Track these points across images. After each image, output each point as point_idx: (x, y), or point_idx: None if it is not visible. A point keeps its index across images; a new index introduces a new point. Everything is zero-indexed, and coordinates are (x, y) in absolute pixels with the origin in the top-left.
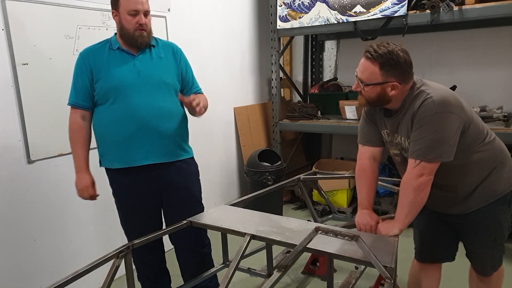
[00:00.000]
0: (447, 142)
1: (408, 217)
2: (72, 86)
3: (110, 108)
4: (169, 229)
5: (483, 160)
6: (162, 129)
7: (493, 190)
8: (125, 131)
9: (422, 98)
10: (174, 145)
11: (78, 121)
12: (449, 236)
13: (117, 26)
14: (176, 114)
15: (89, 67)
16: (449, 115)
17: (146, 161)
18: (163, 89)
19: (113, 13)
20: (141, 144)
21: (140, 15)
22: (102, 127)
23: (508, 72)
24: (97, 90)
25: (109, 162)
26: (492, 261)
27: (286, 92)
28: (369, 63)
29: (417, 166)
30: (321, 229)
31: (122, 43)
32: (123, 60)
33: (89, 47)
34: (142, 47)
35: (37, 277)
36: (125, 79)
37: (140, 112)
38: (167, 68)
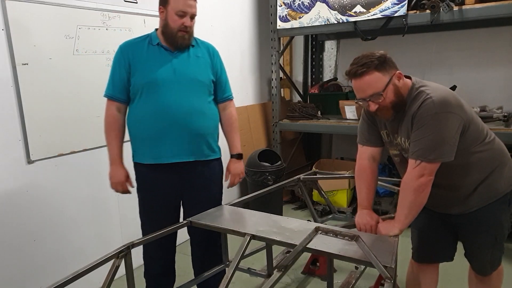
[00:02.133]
0: (448, 142)
1: (408, 218)
2: (110, 78)
3: (143, 103)
4: (169, 229)
5: (483, 159)
6: (192, 128)
7: (494, 190)
8: (156, 127)
9: (422, 98)
10: (203, 145)
11: (113, 113)
12: (448, 236)
13: (160, 22)
14: (207, 113)
15: (127, 60)
16: (449, 115)
17: (175, 159)
18: (196, 88)
19: (160, 9)
20: (171, 141)
21: (187, 17)
22: (135, 122)
23: (508, 72)
24: (132, 84)
25: (140, 157)
26: (492, 261)
27: (286, 92)
28: (366, 76)
29: (417, 166)
30: (321, 229)
31: (162, 40)
32: (161, 56)
33: (129, 41)
34: (182, 48)
35: (37, 277)
36: (160, 76)
37: (172, 109)
38: (203, 67)
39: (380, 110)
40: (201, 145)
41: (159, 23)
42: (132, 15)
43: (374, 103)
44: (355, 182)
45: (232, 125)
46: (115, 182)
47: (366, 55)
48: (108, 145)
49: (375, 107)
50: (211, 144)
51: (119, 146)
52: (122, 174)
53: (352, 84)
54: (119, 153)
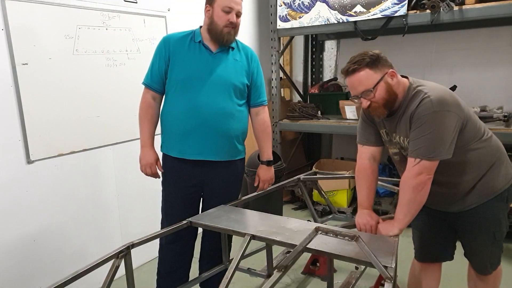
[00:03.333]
0: (446, 140)
1: (407, 216)
2: (150, 67)
3: (178, 99)
4: (169, 228)
5: (481, 157)
6: (221, 129)
7: (492, 187)
8: (187, 125)
9: (420, 98)
10: (228, 146)
11: (148, 100)
12: (448, 235)
13: (206, 20)
14: (236, 116)
15: (168, 53)
16: (447, 113)
17: (200, 156)
18: (229, 90)
19: (206, 7)
20: (198, 139)
21: (232, 13)
22: (168, 116)
23: (508, 72)
24: (169, 78)
25: (167, 149)
26: (491, 259)
27: (286, 92)
28: (358, 73)
29: (416, 165)
30: (321, 229)
31: (205, 38)
32: (201, 54)
33: (173, 34)
34: (227, 44)
35: (37, 277)
36: (196, 74)
37: (204, 109)
38: (239, 71)
39: (372, 108)
40: (226, 146)
41: (204, 21)
42: (132, 15)
43: (366, 100)
44: (356, 182)
45: (264, 132)
46: (144, 164)
47: (360, 53)
48: (140, 129)
49: (366, 104)
50: (237, 145)
51: (151, 131)
52: (151, 156)
53: (346, 82)
54: (150, 137)
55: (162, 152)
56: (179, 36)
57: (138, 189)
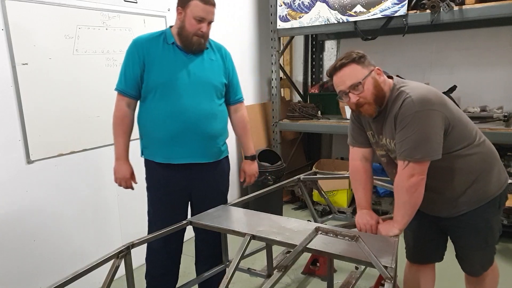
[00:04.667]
0: (432, 139)
1: (405, 217)
2: (122, 72)
3: (158, 104)
4: (169, 228)
5: (470, 163)
6: (206, 131)
7: (483, 193)
8: (171, 130)
9: (402, 98)
10: (214, 147)
11: (123, 108)
12: (439, 238)
13: (177, 22)
14: (219, 116)
15: (142, 57)
16: (430, 112)
17: (187, 160)
18: (210, 91)
19: (178, 9)
20: (185, 143)
21: (205, 23)
22: (148, 121)
23: (508, 72)
24: (146, 82)
25: (151, 155)
26: (482, 262)
27: (286, 92)
28: (345, 68)
29: (406, 167)
30: (321, 229)
31: (177, 40)
32: (176, 57)
33: (143, 36)
34: (196, 52)
35: (37, 277)
36: (175, 77)
37: (187, 113)
38: (217, 71)
39: (361, 105)
40: (212, 147)
41: (175, 23)
42: (132, 15)
43: (354, 95)
44: (351, 184)
45: (245, 128)
46: (119, 178)
47: (346, 53)
48: (115, 140)
49: (355, 99)
50: (221, 145)
51: (126, 142)
52: (127, 170)
53: (333, 80)
54: (125, 148)
55: (145, 158)
56: (150, 38)
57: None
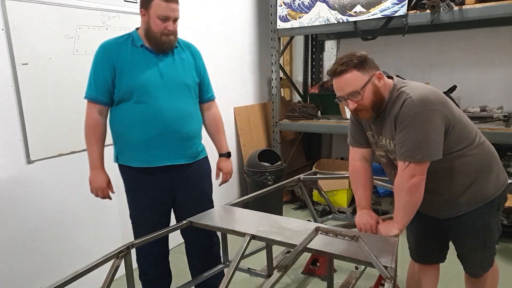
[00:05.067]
0: (433, 139)
1: (405, 218)
2: (91, 79)
3: (133, 107)
4: (169, 228)
5: (470, 164)
6: (184, 132)
7: (482, 195)
8: (149, 132)
9: (403, 99)
10: (193, 147)
11: (95, 116)
12: (439, 238)
13: (143, 25)
14: (195, 116)
15: (112, 62)
16: (431, 112)
17: (167, 162)
18: (184, 91)
19: (141, 11)
20: (163, 145)
21: (170, 21)
22: (123, 126)
23: (508, 72)
24: (118, 87)
25: (127, 160)
26: (482, 263)
27: (286, 92)
28: (345, 74)
29: (407, 168)
30: (321, 229)
31: (145, 42)
32: (147, 59)
33: (110, 40)
34: (167, 51)
35: (37, 277)
36: (149, 80)
37: (164, 115)
38: (188, 70)
39: (359, 110)
40: (190, 147)
41: (141, 25)
42: (132, 15)
43: (353, 102)
44: (351, 184)
45: (218, 125)
46: (95, 188)
47: (347, 55)
48: (88, 150)
49: (353, 106)
50: (198, 145)
51: (101, 151)
52: (103, 179)
53: (333, 83)
54: (100, 157)
55: (120, 164)
56: (117, 42)
57: None
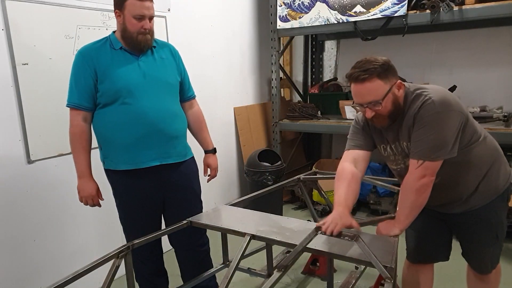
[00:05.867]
0: (450, 141)
1: (408, 218)
2: (72, 86)
3: (117, 110)
4: (169, 228)
5: (481, 156)
6: (170, 131)
7: (494, 187)
8: (135, 133)
9: (421, 100)
10: (180, 146)
11: (80, 124)
12: (445, 235)
13: (118, 26)
14: (179, 115)
15: (92, 66)
16: (451, 113)
17: (155, 162)
18: (168, 90)
19: (116, 12)
20: (150, 146)
21: (145, 20)
22: (108, 129)
23: (508, 72)
24: (101, 91)
25: (114, 164)
26: (492, 259)
27: (286, 92)
28: (367, 82)
29: (420, 166)
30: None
31: (124, 43)
32: (127, 60)
33: (88, 46)
34: (145, 50)
35: (37, 277)
36: (132, 81)
37: (149, 115)
38: (170, 69)
39: (376, 118)
40: (177, 146)
41: (117, 27)
42: None
43: (371, 110)
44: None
45: (202, 123)
46: (85, 196)
47: (370, 60)
48: (75, 158)
49: (371, 114)
50: (185, 144)
51: (88, 158)
52: (92, 187)
53: (352, 87)
54: (87, 165)
55: (107, 168)
56: (95, 46)
57: None
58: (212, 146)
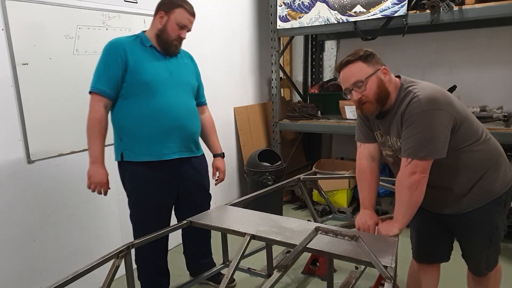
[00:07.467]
0: (438, 139)
1: (406, 216)
2: (100, 73)
3: (143, 103)
4: (169, 228)
5: (477, 160)
6: (190, 127)
7: (489, 191)
8: (160, 126)
9: (410, 97)
10: (196, 142)
11: (101, 110)
12: (444, 236)
13: (157, 25)
14: (196, 114)
15: (124, 57)
16: (437, 112)
17: (175, 155)
18: (189, 90)
19: (160, 13)
20: (173, 139)
21: (185, 30)
22: (132, 121)
23: (508, 72)
24: (128, 82)
25: (135, 155)
26: (488, 262)
27: (286, 92)
28: (351, 65)
29: (409, 164)
30: (321, 229)
31: (154, 43)
32: (156, 58)
33: (121, 39)
34: (173, 55)
35: (37, 277)
36: (159, 76)
37: (174, 110)
38: (191, 73)
39: (363, 103)
40: (194, 141)
41: (154, 26)
42: (132, 15)
43: (357, 93)
44: (357, 183)
45: (213, 128)
46: (96, 182)
47: (355, 50)
48: (91, 143)
49: (357, 97)
50: (198, 141)
51: (103, 145)
52: (104, 174)
53: (340, 77)
54: (102, 152)
55: (126, 160)
56: (127, 40)
57: None
58: (221, 151)
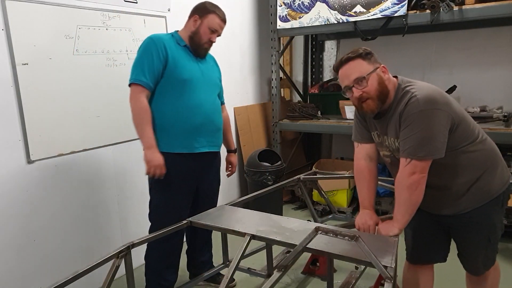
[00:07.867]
0: (436, 138)
1: (405, 216)
2: (144, 65)
3: (178, 98)
4: (169, 228)
5: (474, 160)
6: (218, 123)
7: (487, 191)
8: (194, 121)
9: (408, 97)
10: (221, 137)
11: (144, 101)
12: (441, 237)
13: (190, 28)
14: (221, 112)
15: (165, 52)
16: (436, 111)
17: (204, 148)
18: (216, 89)
19: (194, 17)
20: (204, 134)
21: (215, 34)
22: (171, 114)
23: (508, 72)
24: (167, 77)
25: (169, 147)
26: (485, 261)
27: (286, 92)
28: (351, 62)
29: (408, 164)
30: (321, 229)
31: (189, 43)
32: (190, 58)
33: (160, 35)
34: (202, 57)
35: (37, 277)
36: (194, 75)
37: (205, 106)
38: (216, 74)
39: (364, 100)
40: (219, 137)
41: (188, 28)
42: (132, 15)
43: (358, 90)
44: (356, 183)
45: (228, 126)
46: (154, 165)
47: (353, 49)
48: (142, 131)
49: (358, 94)
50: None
51: (152, 132)
52: (160, 157)
53: (339, 74)
54: (154, 138)
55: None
56: (166, 37)
57: (138, 189)
58: (234, 147)
